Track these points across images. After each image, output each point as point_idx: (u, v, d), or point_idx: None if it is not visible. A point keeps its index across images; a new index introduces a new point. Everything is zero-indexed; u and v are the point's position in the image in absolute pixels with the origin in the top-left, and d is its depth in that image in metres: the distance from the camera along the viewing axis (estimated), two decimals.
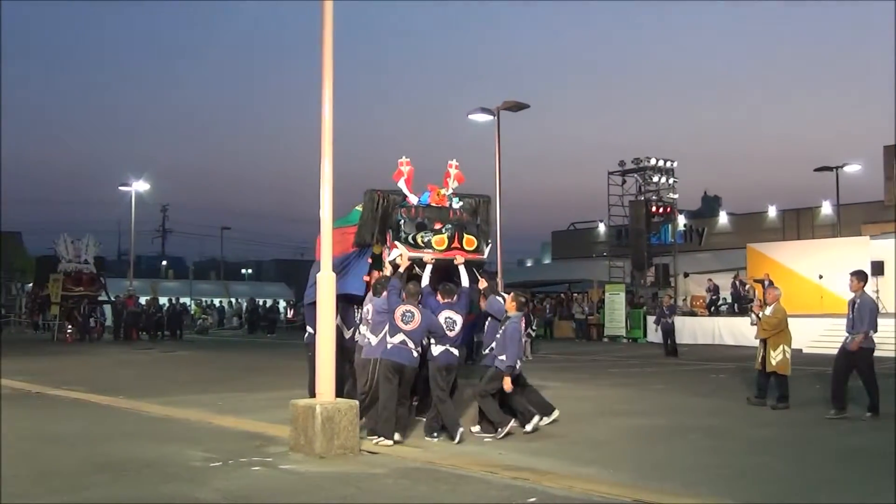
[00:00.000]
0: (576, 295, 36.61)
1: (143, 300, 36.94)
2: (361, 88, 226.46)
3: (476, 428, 9.76)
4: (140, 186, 44.29)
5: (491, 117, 26.92)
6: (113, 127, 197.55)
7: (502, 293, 10.76)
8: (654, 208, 33.87)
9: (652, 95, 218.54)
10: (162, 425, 10.43)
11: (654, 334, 26.90)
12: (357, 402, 8.62)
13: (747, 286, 28.89)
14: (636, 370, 18.90)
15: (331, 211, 8.84)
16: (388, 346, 9.20)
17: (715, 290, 30.88)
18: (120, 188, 44.44)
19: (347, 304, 10.45)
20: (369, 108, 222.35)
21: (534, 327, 25.53)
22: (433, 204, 10.21)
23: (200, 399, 12.90)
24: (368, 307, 9.84)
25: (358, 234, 10.40)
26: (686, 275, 34.73)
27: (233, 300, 51.05)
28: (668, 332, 23.50)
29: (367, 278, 10.27)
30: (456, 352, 9.48)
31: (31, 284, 41.42)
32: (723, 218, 43.80)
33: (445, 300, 9.48)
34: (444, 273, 10.01)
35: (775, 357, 11.76)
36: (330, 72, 8.79)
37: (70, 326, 32.00)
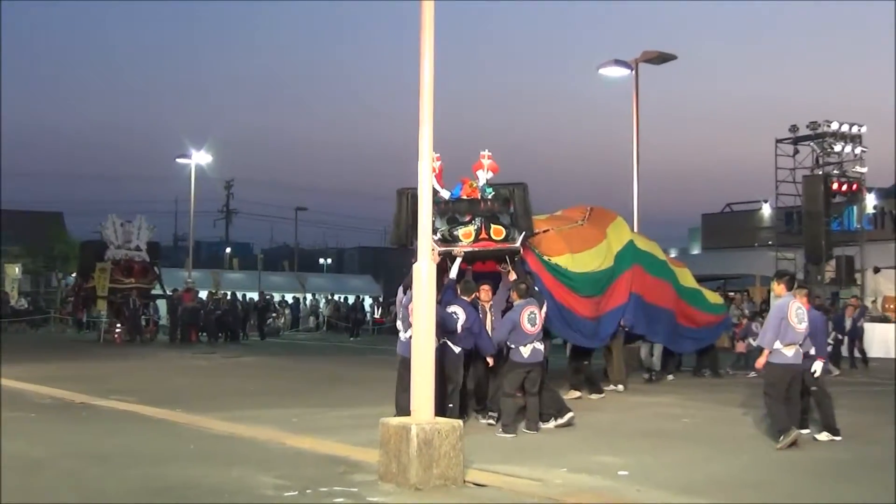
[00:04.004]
0: (734, 294, 35.90)
1: (202, 294, 37.84)
2: (467, 35, 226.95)
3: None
4: (201, 158, 45.55)
5: (628, 71, 26.63)
6: (171, 90, 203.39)
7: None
8: (835, 185, 32.95)
9: (833, 43, 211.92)
10: (227, 445, 10.74)
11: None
12: (461, 423, 8.74)
13: None
14: None
15: (430, 188, 8.90)
16: (403, 340, 10.93)
17: None
18: (177, 160, 45.85)
19: None
20: (477, 59, 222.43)
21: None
22: (464, 196, 12.01)
23: (272, 414, 13.21)
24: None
25: (393, 234, 12.86)
26: (877, 270, 33.68)
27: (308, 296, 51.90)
28: (855, 338, 22.91)
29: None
30: (455, 348, 11.26)
31: (73, 275, 43.01)
32: None
33: (461, 296, 11.46)
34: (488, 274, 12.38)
35: None
36: (430, 14, 8.82)
37: (119, 325, 33.10)
